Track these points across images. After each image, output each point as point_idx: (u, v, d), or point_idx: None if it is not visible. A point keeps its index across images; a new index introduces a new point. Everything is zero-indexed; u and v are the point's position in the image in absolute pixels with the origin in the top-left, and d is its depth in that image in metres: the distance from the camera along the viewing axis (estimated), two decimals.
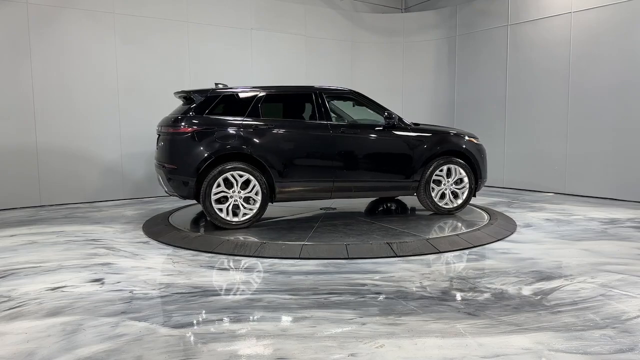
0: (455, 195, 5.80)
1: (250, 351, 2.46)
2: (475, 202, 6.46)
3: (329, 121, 5.39)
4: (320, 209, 6.21)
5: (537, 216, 6.04)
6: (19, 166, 6.76)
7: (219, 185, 4.94)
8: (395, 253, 4.23)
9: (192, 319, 2.88)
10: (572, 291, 3.31)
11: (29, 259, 4.21)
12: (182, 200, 6.27)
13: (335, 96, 5.75)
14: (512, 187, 8.67)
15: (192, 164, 4.91)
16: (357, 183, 5.46)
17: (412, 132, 5.65)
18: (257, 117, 5.18)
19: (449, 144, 5.74)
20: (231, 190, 4.99)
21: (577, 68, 7.56)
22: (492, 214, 5.86)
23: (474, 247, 4.52)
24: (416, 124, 5.82)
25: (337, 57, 9.63)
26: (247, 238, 4.67)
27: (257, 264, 4.05)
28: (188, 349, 2.48)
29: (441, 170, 5.67)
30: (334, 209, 6.24)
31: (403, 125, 5.63)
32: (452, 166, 5.70)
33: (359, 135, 5.46)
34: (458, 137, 5.85)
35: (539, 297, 3.21)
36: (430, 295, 3.27)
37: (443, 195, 5.75)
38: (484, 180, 5.94)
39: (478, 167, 5.82)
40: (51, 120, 6.94)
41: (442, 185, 5.72)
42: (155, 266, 4.00)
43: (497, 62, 8.78)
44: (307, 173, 5.26)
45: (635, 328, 2.70)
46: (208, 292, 3.35)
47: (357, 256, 4.17)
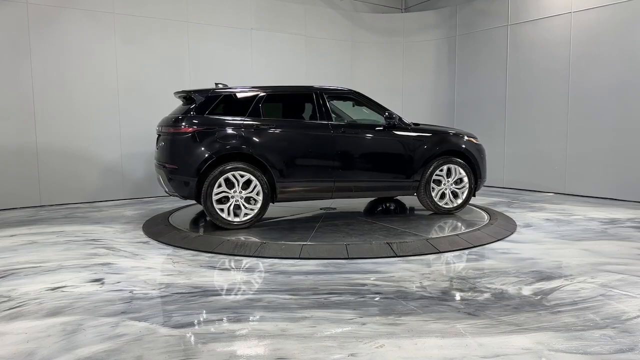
0: (455, 195, 5.81)
1: (250, 351, 2.47)
2: (475, 202, 6.46)
3: (329, 121, 5.39)
4: (321, 209, 6.21)
5: (537, 216, 6.04)
6: (19, 166, 6.76)
7: (220, 186, 4.94)
8: (395, 253, 4.23)
9: (192, 319, 2.88)
10: (572, 291, 3.31)
11: (29, 259, 4.21)
12: (182, 200, 6.28)
13: (335, 96, 5.75)
14: (512, 187, 8.67)
15: (193, 164, 4.91)
16: (358, 183, 5.46)
17: (413, 132, 5.66)
18: (257, 117, 5.18)
19: (448, 144, 5.75)
20: (232, 191, 4.99)
21: (577, 68, 7.56)
22: (492, 214, 5.86)
23: (474, 247, 4.52)
24: (416, 124, 5.83)
25: (337, 57, 9.63)
26: (248, 238, 4.67)
27: (257, 264, 4.05)
28: (188, 349, 2.48)
29: (441, 170, 5.68)
30: (334, 209, 6.25)
31: (403, 125, 5.63)
32: (452, 166, 5.71)
33: (359, 135, 5.47)
34: (458, 137, 5.86)
35: (539, 297, 3.21)
36: (430, 295, 3.27)
37: (443, 195, 5.75)
38: (483, 180, 5.96)
39: (478, 167, 5.84)
40: (51, 120, 6.94)
41: (442, 185, 5.73)
42: (155, 266, 4.00)
43: (497, 62, 8.78)
44: (308, 173, 5.27)
45: (635, 328, 2.70)
46: (208, 292, 3.35)
47: (357, 256, 4.17)
